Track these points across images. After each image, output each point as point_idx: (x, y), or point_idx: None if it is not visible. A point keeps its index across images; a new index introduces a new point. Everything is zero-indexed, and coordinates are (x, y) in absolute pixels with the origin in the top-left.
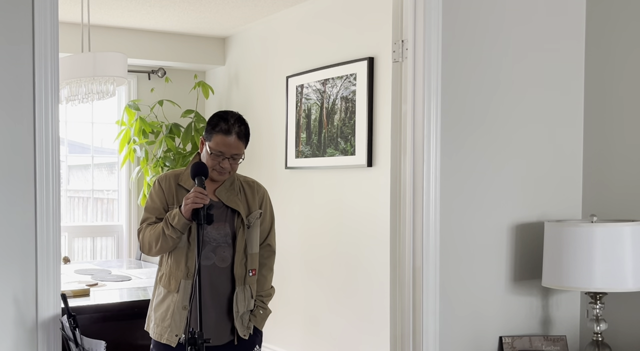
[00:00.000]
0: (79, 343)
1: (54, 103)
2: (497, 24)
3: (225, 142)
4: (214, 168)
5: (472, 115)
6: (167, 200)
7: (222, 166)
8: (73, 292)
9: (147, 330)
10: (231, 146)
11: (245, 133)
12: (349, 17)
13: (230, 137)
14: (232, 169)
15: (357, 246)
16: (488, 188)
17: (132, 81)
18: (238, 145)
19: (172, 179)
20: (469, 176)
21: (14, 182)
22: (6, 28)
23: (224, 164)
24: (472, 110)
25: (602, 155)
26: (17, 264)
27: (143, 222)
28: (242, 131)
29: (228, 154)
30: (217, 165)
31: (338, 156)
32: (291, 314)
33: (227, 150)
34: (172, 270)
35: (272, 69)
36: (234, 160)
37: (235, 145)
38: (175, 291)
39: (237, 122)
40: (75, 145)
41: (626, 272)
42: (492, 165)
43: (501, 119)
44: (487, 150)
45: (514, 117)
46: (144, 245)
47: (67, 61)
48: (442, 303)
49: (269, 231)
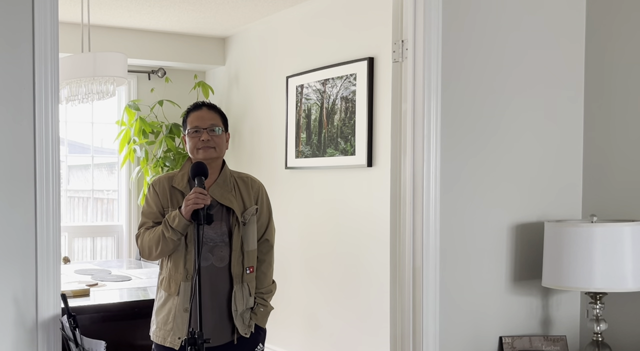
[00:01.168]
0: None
1: (54, 103)
2: (497, 24)
3: (197, 116)
4: (197, 147)
5: (472, 115)
6: (163, 203)
7: (203, 139)
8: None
9: (150, 334)
10: (204, 118)
11: (215, 108)
12: (349, 17)
13: (200, 110)
14: (216, 144)
15: (357, 246)
16: (488, 188)
17: (132, 81)
18: (211, 116)
19: (165, 182)
20: (469, 176)
21: (14, 182)
22: (6, 28)
23: (204, 136)
24: (472, 110)
25: (602, 155)
26: (17, 264)
27: (141, 227)
28: (211, 106)
29: (204, 125)
30: (198, 141)
31: (338, 156)
32: (291, 314)
33: (201, 123)
34: (172, 273)
35: (272, 69)
36: (213, 132)
37: (208, 116)
38: (176, 294)
39: (206, 103)
40: (75, 145)
41: (626, 272)
42: (492, 165)
43: (501, 119)
44: (487, 150)
45: (514, 117)
46: (143, 250)
47: (67, 61)
48: (442, 303)
49: (266, 226)
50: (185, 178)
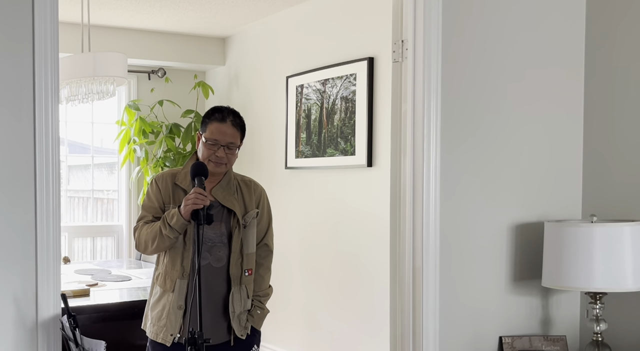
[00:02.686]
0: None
1: (54, 103)
2: (498, 23)
3: (219, 129)
4: (210, 159)
5: (472, 115)
6: (164, 199)
7: (218, 155)
8: (73, 292)
9: (143, 328)
10: (226, 134)
11: (240, 124)
12: (348, 17)
13: (224, 124)
14: (229, 161)
15: (357, 246)
16: (488, 188)
17: (132, 81)
18: (233, 134)
19: (169, 178)
20: (469, 176)
21: (14, 182)
22: (6, 28)
23: (219, 153)
24: (472, 110)
25: (602, 155)
26: (17, 264)
27: (140, 220)
28: (236, 121)
29: (223, 142)
30: (213, 155)
31: (338, 156)
32: (291, 314)
33: (222, 138)
34: (168, 269)
35: (272, 69)
36: (230, 150)
37: (230, 133)
38: (171, 291)
39: (232, 113)
40: (75, 145)
41: (626, 272)
42: (492, 165)
43: (501, 119)
44: (487, 150)
45: (514, 117)
46: (139, 243)
47: (67, 61)
48: (442, 303)
49: (266, 230)
50: (189, 176)
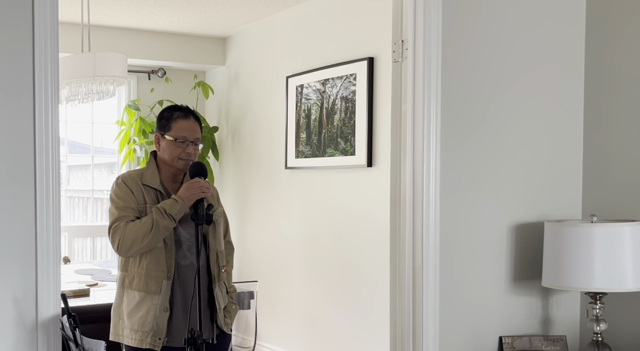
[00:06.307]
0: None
1: (54, 103)
2: (498, 23)
3: (187, 125)
4: (179, 158)
5: (472, 115)
6: (137, 199)
7: (188, 152)
8: (73, 292)
9: (115, 339)
10: (192, 129)
11: (199, 120)
12: (348, 17)
13: (189, 120)
14: (194, 156)
15: (357, 246)
16: (488, 188)
17: (132, 81)
18: (197, 129)
19: (137, 178)
20: (469, 176)
21: (14, 182)
22: (6, 28)
23: (189, 150)
24: (472, 110)
25: (602, 155)
26: (17, 264)
27: (117, 221)
28: (196, 117)
29: (192, 138)
30: (183, 153)
31: (338, 156)
32: (291, 314)
33: (190, 134)
34: (151, 271)
35: (272, 69)
36: (195, 146)
37: (196, 129)
38: (157, 293)
39: (190, 110)
40: (75, 145)
41: (626, 272)
42: (492, 165)
43: (501, 119)
44: (486, 150)
45: (514, 117)
46: (124, 243)
47: (67, 61)
48: (441, 303)
49: (226, 228)
50: (157, 176)
